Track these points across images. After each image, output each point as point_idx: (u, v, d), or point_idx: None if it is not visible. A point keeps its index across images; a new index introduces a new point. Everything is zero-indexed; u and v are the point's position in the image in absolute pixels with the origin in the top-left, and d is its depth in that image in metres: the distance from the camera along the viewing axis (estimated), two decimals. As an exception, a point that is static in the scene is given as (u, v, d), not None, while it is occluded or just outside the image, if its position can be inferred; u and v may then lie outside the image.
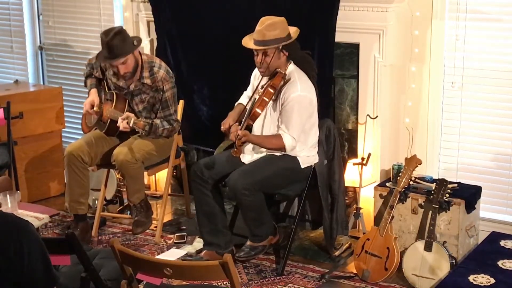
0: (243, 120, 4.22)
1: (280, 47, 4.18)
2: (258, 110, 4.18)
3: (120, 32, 4.49)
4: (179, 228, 5.03)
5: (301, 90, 4.20)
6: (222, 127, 4.31)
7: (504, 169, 4.59)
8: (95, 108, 4.70)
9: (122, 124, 4.47)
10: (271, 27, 4.16)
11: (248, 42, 4.26)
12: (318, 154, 4.40)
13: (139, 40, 4.64)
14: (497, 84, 4.52)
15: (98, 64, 4.78)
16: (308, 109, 4.26)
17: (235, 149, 4.08)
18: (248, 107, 4.30)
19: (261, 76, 4.35)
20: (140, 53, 4.67)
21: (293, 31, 4.27)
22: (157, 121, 4.64)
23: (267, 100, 4.18)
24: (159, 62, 4.71)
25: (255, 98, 4.25)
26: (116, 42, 4.45)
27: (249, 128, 4.25)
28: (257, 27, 4.19)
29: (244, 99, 4.57)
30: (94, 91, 4.77)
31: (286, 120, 4.21)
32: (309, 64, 4.36)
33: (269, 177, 4.22)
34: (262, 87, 4.27)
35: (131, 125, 4.43)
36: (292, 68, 4.29)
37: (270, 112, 4.30)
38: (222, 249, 4.40)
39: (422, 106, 4.76)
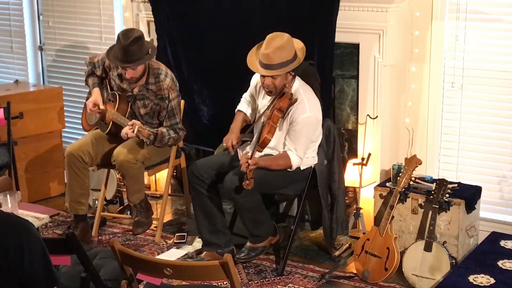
0: (251, 147, 4.15)
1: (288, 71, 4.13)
2: (269, 137, 4.10)
3: (139, 39, 4.45)
4: (179, 228, 5.03)
5: (309, 110, 4.16)
6: (224, 144, 4.28)
7: (504, 169, 4.59)
8: (101, 107, 4.68)
9: (129, 133, 4.46)
10: (278, 51, 4.06)
11: (252, 60, 4.16)
12: (318, 155, 4.40)
13: (154, 49, 4.62)
14: (497, 84, 4.52)
15: (102, 62, 4.76)
16: (315, 128, 4.24)
17: (247, 181, 3.99)
18: (256, 133, 4.25)
19: (263, 92, 4.30)
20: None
21: (299, 48, 4.18)
22: (164, 129, 4.63)
23: (275, 125, 4.13)
24: (165, 69, 4.69)
25: (263, 123, 4.20)
26: (133, 48, 4.42)
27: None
28: (264, 49, 4.07)
29: (243, 105, 4.53)
30: (96, 90, 4.75)
31: (294, 140, 4.18)
32: (313, 76, 4.33)
33: (265, 177, 4.19)
34: (268, 108, 4.21)
35: (135, 132, 4.43)
36: (297, 84, 4.23)
37: (275, 131, 4.26)
38: (222, 249, 4.40)
39: (422, 106, 4.76)
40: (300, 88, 4.23)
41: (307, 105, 4.18)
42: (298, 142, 4.18)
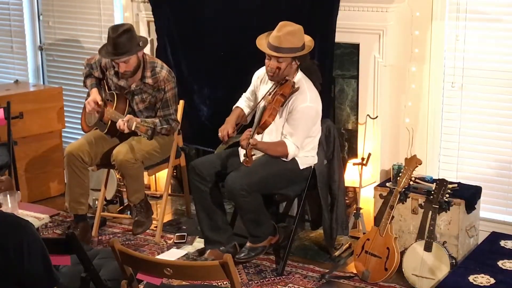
0: (252, 128, 4.18)
1: (294, 57, 4.15)
2: (270, 119, 4.12)
3: (128, 31, 4.49)
4: (179, 228, 5.03)
5: (310, 100, 4.19)
6: (219, 134, 4.28)
7: (504, 169, 4.59)
8: (99, 102, 4.69)
9: (121, 126, 4.47)
10: (289, 35, 4.12)
11: (262, 43, 4.22)
12: (318, 155, 4.40)
13: (145, 41, 4.64)
14: (497, 84, 4.53)
15: (98, 63, 4.78)
16: (314, 120, 4.26)
17: (246, 159, 4.02)
18: (257, 115, 4.26)
19: (266, 79, 4.33)
20: (143, 53, 4.67)
21: (308, 40, 4.23)
22: (156, 120, 4.64)
23: (277, 109, 4.15)
24: (160, 63, 4.72)
25: (264, 106, 4.22)
26: (122, 40, 4.45)
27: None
28: (275, 32, 4.15)
29: (242, 102, 4.55)
30: (95, 90, 4.77)
31: (292, 128, 4.20)
32: (315, 74, 4.34)
33: (267, 178, 4.21)
34: (270, 93, 4.25)
35: (132, 128, 4.42)
36: (300, 76, 4.26)
37: (275, 118, 4.27)
38: (224, 246, 4.40)
39: (422, 106, 4.76)
40: (302, 79, 4.26)
41: (308, 95, 4.20)
42: (296, 130, 4.19)
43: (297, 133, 4.20)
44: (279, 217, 4.89)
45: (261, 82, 4.44)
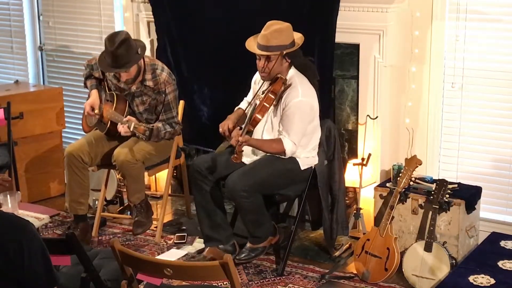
0: (243, 125, 4.19)
1: (283, 54, 4.17)
2: (259, 116, 4.15)
3: (125, 41, 4.42)
4: (179, 229, 5.03)
5: (302, 95, 4.19)
6: (220, 129, 4.30)
7: (504, 170, 4.59)
8: (96, 111, 4.70)
9: (122, 130, 4.47)
10: (276, 33, 4.14)
11: (251, 44, 4.25)
12: (319, 155, 4.40)
13: (143, 48, 4.60)
14: (497, 84, 4.52)
15: (98, 66, 4.78)
16: (309, 115, 4.25)
17: (235, 155, 4.05)
18: (248, 113, 4.29)
19: (261, 81, 4.35)
20: (142, 57, 4.66)
21: (298, 37, 4.25)
22: (159, 124, 4.64)
23: (267, 106, 4.17)
24: (161, 65, 4.71)
25: (256, 104, 4.24)
26: (121, 51, 4.40)
27: (249, 134, 4.23)
28: (263, 31, 4.18)
29: (244, 104, 4.55)
30: (94, 92, 4.77)
31: (287, 125, 4.20)
32: (311, 71, 4.35)
33: (268, 178, 4.22)
34: (263, 92, 4.26)
35: (131, 128, 4.43)
36: (293, 72, 4.27)
37: (271, 117, 4.28)
38: (223, 244, 4.41)
39: (422, 106, 4.76)
40: (295, 76, 4.27)
41: (300, 90, 4.20)
42: (291, 126, 4.19)
43: (292, 129, 4.19)
44: (280, 218, 4.90)
45: (257, 84, 4.45)
